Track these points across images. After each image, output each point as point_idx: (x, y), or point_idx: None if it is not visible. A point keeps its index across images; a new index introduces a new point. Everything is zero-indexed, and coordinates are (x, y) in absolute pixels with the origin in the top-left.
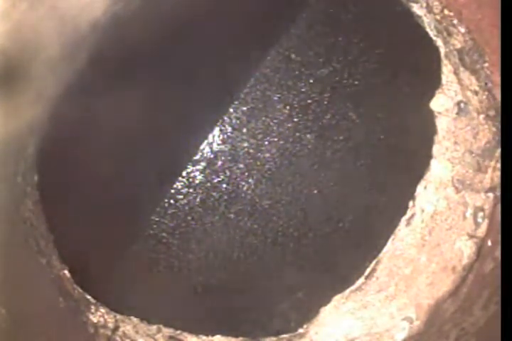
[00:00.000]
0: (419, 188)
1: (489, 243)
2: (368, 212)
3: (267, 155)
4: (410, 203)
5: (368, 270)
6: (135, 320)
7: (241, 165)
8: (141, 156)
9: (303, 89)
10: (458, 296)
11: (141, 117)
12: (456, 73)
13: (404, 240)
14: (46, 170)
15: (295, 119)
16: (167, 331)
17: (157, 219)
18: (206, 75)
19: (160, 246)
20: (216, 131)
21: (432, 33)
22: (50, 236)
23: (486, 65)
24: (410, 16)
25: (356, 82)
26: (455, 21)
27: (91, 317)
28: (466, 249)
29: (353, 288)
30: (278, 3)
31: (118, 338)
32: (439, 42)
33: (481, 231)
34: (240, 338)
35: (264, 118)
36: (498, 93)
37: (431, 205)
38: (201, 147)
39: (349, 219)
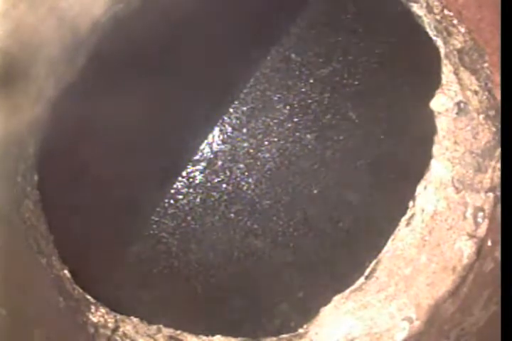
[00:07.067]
0: (419, 188)
1: (489, 243)
2: (368, 212)
3: (267, 155)
4: (410, 203)
5: (368, 270)
6: (135, 320)
7: (241, 165)
8: (141, 156)
9: (303, 89)
10: (458, 296)
11: (141, 117)
12: (456, 73)
13: (404, 240)
14: (46, 170)
15: (295, 119)
16: (167, 331)
17: (157, 219)
18: (206, 75)
19: (160, 246)
20: (216, 131)
21: (431, 33)
22: (50, 236)
23: (486, 64)
24: (410, 16)
25: (356, 82)
26: (455, 21)
27: (91, 317)
28: (466, 248)
29: (353, 288)
30: (278, 3)
31: (118, 338)
32: (439, 42)
33: (481, 231)
34: (240, 338)
35: (264, 118)
36: (498, 93)
37: (431, 205)
38: (201, 147)
39: (349, 219)
